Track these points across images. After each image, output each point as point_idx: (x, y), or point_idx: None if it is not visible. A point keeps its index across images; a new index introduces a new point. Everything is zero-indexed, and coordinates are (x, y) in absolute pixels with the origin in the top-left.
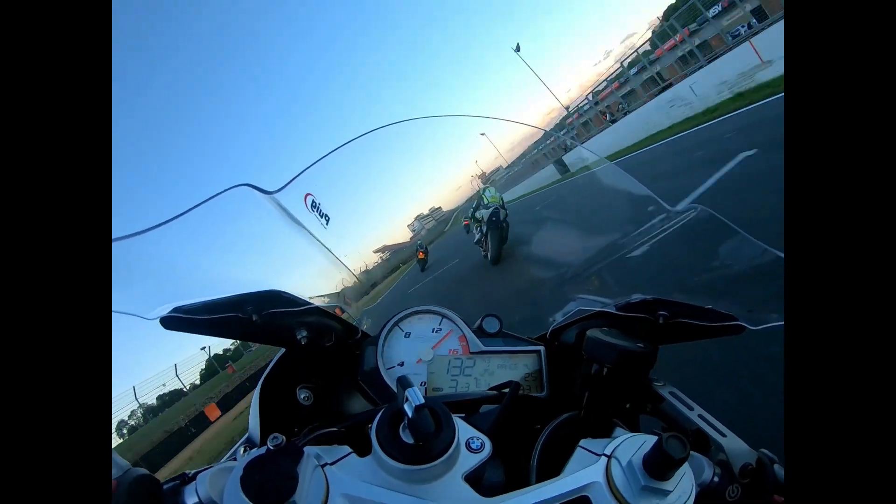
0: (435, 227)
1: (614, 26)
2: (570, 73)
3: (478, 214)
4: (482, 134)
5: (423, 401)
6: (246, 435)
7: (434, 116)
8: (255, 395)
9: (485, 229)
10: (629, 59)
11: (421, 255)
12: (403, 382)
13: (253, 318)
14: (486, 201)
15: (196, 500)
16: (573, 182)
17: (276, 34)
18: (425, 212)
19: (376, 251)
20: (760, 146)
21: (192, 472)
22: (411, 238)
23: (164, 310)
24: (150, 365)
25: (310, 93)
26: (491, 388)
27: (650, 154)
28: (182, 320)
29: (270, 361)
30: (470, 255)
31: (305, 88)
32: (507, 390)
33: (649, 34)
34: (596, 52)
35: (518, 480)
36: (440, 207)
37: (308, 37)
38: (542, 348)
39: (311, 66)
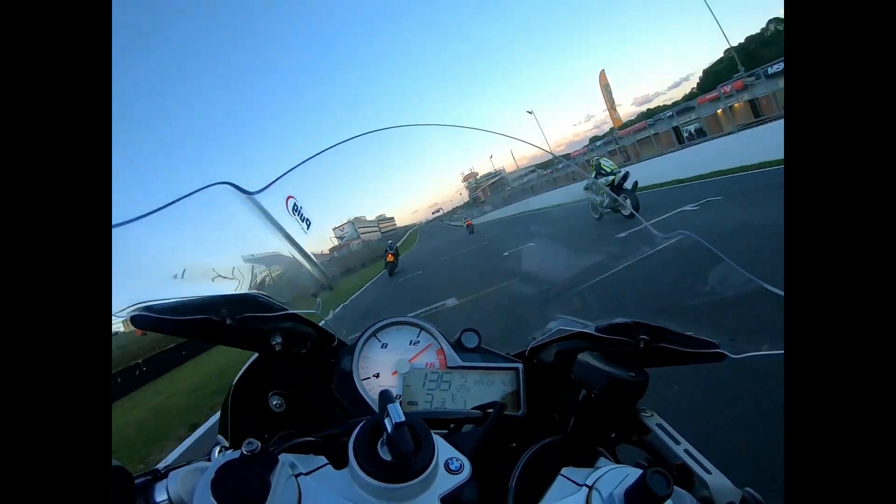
0: (380, 239)
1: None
2: (551, 128)
3: (601, 181)
4: (529, 111)
5: (403, 418)
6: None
7: (426, 125)
8: (227, 399)
9: (613, 191)
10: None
11: (390, 258)
12: (386, 397)
13: (227, 321)
14: (607, 170)
15: (166, 497)
16: (575, 207)
17: (270, 34)
18: (370, 217)
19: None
20: None
21: (165, 468)
22: (332, 249)
23: (136, 308)
24: None
25: (295, 94)
26: (475, 408)
27: None
28: (152, 319)
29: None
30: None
31: (291, 88)
32: (490, 411)
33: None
34: (579, 113)
35: (493, 502)
36: (393, 218)
37: (301, 38)
38: (520, 366)
39: (303, 68)
